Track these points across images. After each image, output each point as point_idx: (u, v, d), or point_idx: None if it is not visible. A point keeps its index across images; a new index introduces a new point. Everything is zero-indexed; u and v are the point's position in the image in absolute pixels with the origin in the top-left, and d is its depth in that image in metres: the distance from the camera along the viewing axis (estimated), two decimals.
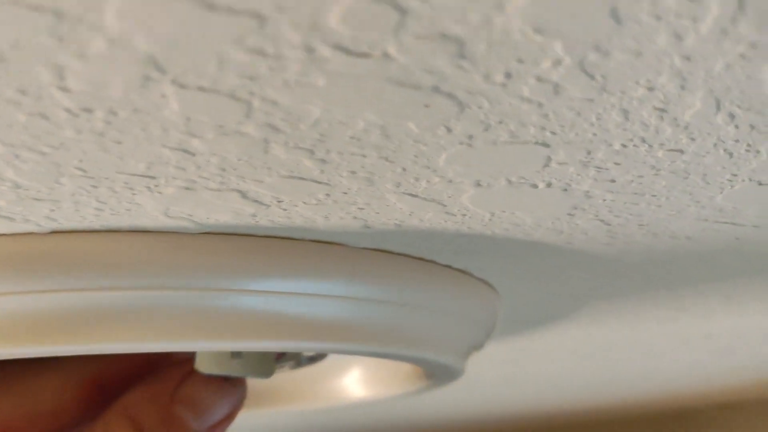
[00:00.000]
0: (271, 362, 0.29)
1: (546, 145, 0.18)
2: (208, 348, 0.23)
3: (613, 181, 0.20)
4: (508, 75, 0.14)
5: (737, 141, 0.18)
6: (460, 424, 0.76)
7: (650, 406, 0.72)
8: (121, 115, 0.15)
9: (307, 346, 0.24)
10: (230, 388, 0.29)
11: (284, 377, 0.38)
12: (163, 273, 0.22)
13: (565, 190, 0.21)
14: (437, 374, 0.33)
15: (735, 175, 0.20)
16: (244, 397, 0.29)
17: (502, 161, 0.18)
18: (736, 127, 0.18)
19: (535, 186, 0.20)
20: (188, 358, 0.30)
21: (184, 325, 0.22)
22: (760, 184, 0.21)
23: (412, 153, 0.18)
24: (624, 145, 0.18)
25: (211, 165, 0.17)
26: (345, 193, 0.20)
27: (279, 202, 0.20)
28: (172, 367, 0.28)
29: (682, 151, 0.19)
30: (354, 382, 0.38)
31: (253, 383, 0.38)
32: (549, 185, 0.20)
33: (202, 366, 0.27)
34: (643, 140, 0.18)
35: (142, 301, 0.21)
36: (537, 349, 0.46)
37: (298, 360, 0.36)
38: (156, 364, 0.30)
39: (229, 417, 0.29)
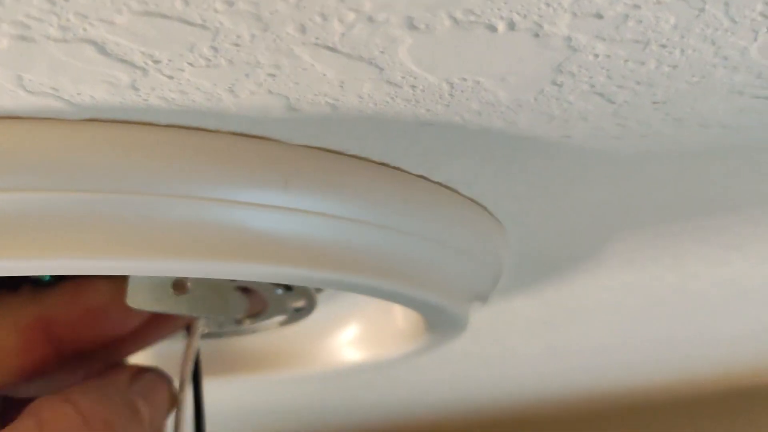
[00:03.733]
0: (225, 300, 0.24)
1: None
2: (110, 268, 0.19)
3: (599, 15, 0.15)
4: None
5: None
6: (463, 415, 0.70)
7: (704, 384, 0.64)
8: None
9: (248, 270, 0.20)
10: (173, 392, 0.26)
11: (272, 337, 0.34)
12: (41, 171, 0.17)
13: (537, 34, 0.16)
14: (436, 324, 0.28)
15: None
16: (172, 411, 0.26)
17: None
18: None
19: (492, 27, 0.15)
20: (177, 321, 0.27)
21: (81, 234, 0.18)
22: None
23: None
24: None
25: None
26: (236, 44, 0.15)
27: (156, 63, 0.15)
28: (124, 365, 0.26)
29: None
30: (349, 342, 0.33)
31: (236, 344, 0.34)
32: (511, 25, 0.15)
33: (135, 300, 0.22)
34: None
35: (25, 204, 0.17)
36: (557, 306, 0.40)
37: (285, 312, 0.32)
38: (120, 314, 0.26)
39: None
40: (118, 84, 0.16)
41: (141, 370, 0.25)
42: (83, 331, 0.26)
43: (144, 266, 0.18)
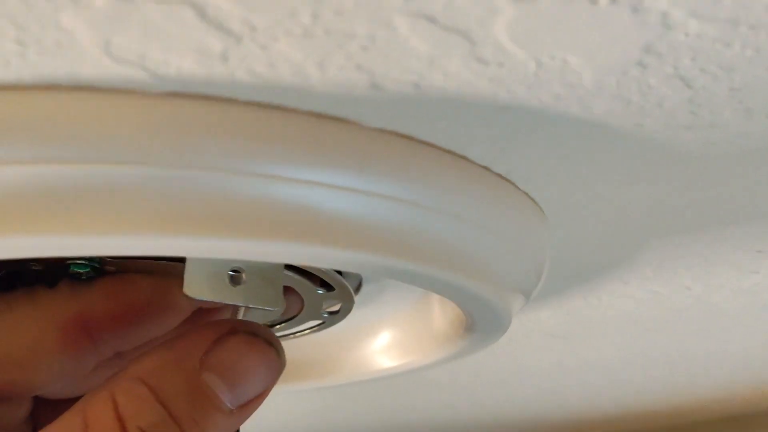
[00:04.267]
0: (278, 293, 0.24)
1: None
2: (177, 249, 0.18)
3: None
4: None
5: None
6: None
7: (710, 407, 0.64)
8: None
9: (305, 253, 0.19)
10: (273, 355, 0.23)
11: (304, 343, 0.33)
12: (124, 146, 0.17)
13: (636, 9, 0.15)
14: (479, 324, 0.28)
15: None
16: (282, 369, 0.23)
17: None
18: None
19: (594, 0, 0.15)
20: (221, 317, 0.25)
21: (147, 211, 0.17)
22: None
23: None
24: None
25: None
26: (338, 12, 0.15)
27: (252, 30, 0.15)
28: (203, 327, 0.22)
29: None
30: (382, 349, 0.33)
31: None
32: None
33: (192, 289, 0.22)
34: None
35: (94, 178, 0.17)
36: (578, 316, 0.40)
37: (319, 317, 0.31)
38: (162, 311, 0.25)
39: (263, 395, 0.22)
40: (209, 53, 0.16)
41: (225, 335, 0.21)
42: (123, 328, 0.25)
43: (217, 246, 0.18)
